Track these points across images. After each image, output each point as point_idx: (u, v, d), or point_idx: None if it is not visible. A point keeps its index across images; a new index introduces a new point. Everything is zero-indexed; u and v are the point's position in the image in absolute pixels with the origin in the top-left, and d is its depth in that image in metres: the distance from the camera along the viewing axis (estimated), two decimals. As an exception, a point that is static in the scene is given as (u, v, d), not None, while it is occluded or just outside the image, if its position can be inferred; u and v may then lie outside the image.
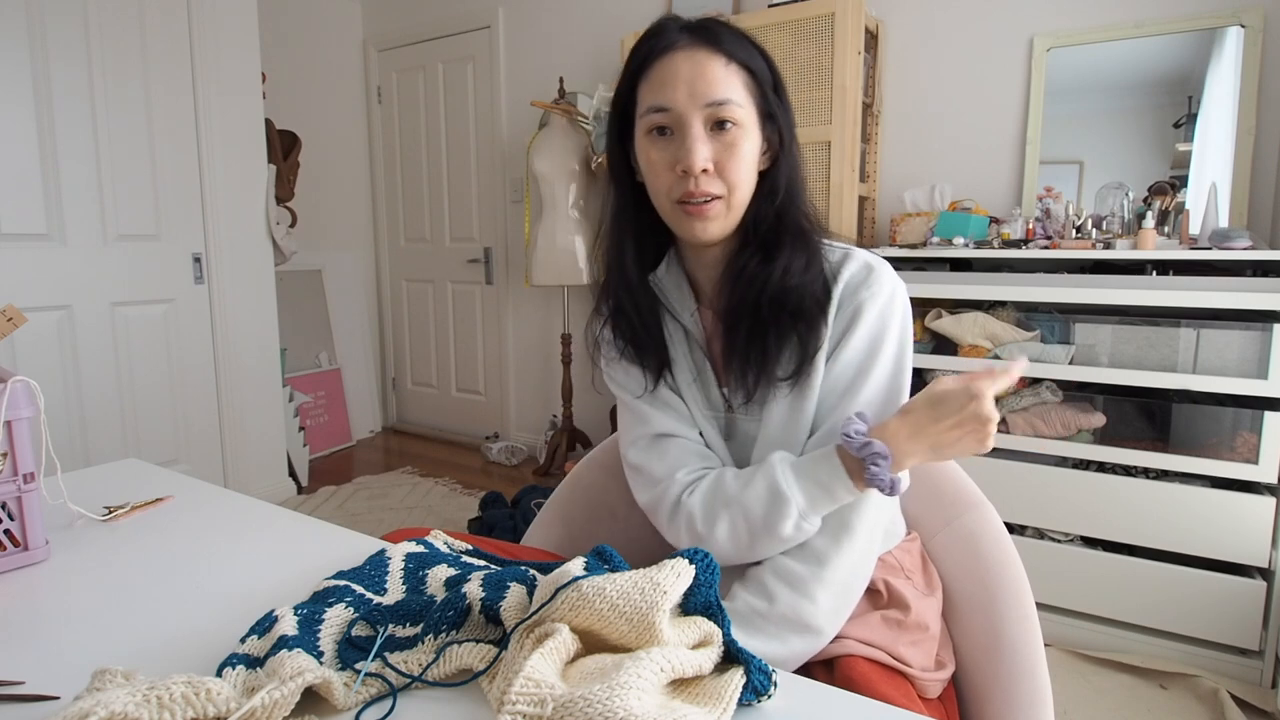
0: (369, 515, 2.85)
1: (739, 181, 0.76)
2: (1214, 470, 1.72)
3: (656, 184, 0.78)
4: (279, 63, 3.35)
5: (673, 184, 0.76)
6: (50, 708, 0.56)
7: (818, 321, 0.77)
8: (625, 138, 0.82)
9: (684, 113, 0.74)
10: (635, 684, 0.48)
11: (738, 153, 0.75)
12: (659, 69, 0.76)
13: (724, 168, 0.75)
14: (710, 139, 0.75)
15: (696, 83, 0.74)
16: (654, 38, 0.77)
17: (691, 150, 0.74)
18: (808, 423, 0.78)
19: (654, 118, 0.76)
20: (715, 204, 0.76)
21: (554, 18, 3.32)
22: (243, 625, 0.63)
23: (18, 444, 0.81)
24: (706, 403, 0.85)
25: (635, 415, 0.86)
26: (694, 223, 0.77)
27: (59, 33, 2.25)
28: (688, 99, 0.74)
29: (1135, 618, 1.82)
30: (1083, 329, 1.88)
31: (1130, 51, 2.17)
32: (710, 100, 0.73)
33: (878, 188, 2.58)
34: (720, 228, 0.78)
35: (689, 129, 0.74)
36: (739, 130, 0.75)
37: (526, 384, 3.68)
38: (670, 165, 0.76)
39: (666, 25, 0.77)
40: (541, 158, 3.00)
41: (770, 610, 0.73)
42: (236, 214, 2.78)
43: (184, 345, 2.65)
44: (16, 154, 2.19)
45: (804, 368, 0.77)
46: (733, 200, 0.77)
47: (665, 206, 0.79)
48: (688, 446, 0.83)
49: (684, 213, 0.77)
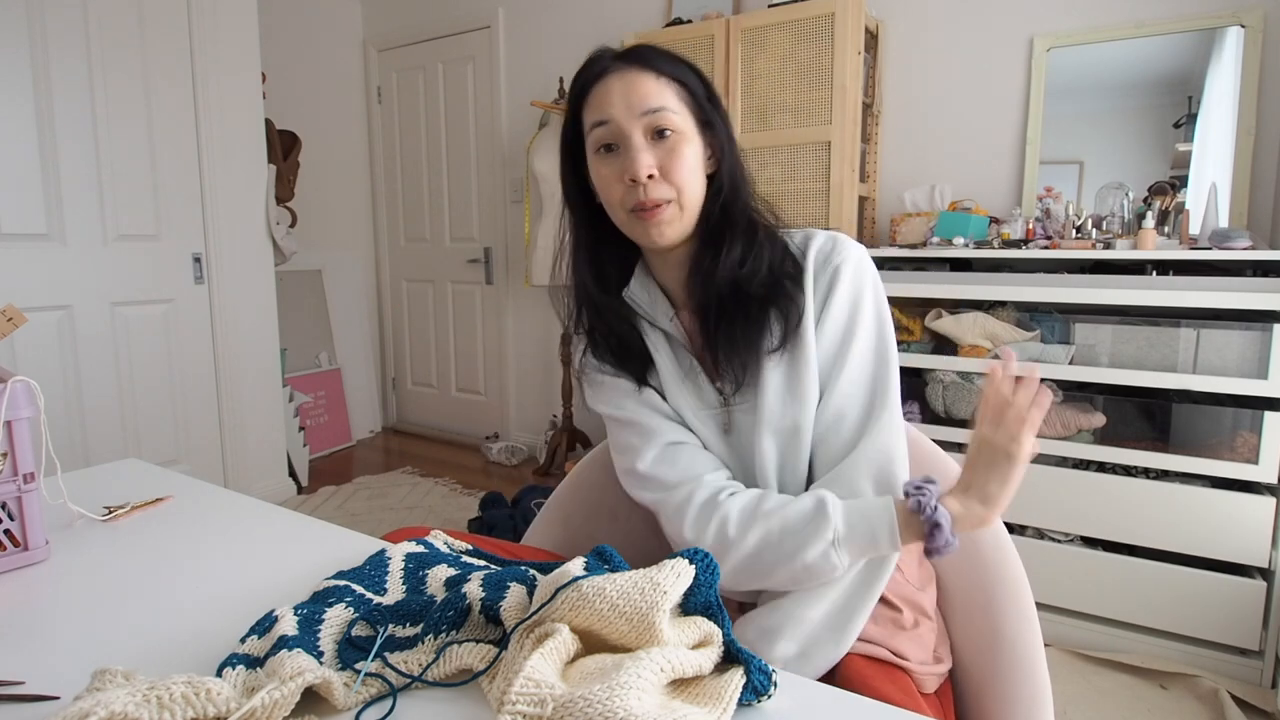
0: (369, 515, 2.86)
1: (685, 183, 0.79)
2: (1214, 470, 1.72)
3: (610, 197, 0.82)
4: (279, 63, 3.35)
5: (624, 194, 0.80)
6: (50, 708, 0.56)
7: (793, 293, 0.81)
8: (579, 166, 0.86)
9: (623, 123, 0.78)
10: (635, 684, 0.48)
11: (678, 156, 0.79)
12: (596, 92, 0.81)
13: (669, 171, 0.79)
14: (652, 147, 0.79)
15: (631, 96, 0.78)
16: (590, 66, 0.82)
17: (634, 159, 0.78)
18: (808, 392, 0.79)
19: (598, 133, 0.80)
20: (667, 208, 0.79)
21: (554, 18, 3.32)
22: (243, 625, 0.63)
23: (18, 444, 0.81)
24: (700, 402, 0.85)
25: (639, 430, 0.85)
26: (649, 228, 0.80)
27: (59, 32, 2.25)
28: (625, 111, 0.78)
29: (1135, 618, 1.82)
30: (1083, 329, 1.87)
31: (1130, 51, 2.17)
32: (645, 109, 0.78)
33: (878, 188, 2.58)
34: (676, 231, 0.81)
35: (630, 139, 0.78)
36: (678, 136, 0.79)
37: (526, 384, 3.68)
38: (619, 176, 0.79)
39: (599, 55, 0.83)
40: (541, 158, 3.00)
41: None
42: (236, 214, 2.78)
43: (184, 345, 2.65)
44: (16, 154, 2.19)
45: (789, 336, 0.80)
46: (684, 201, 0.80)
47: (621, 217, 0.82)
48: (700, 452, 0.83)
49: (638, 219, 0.80)
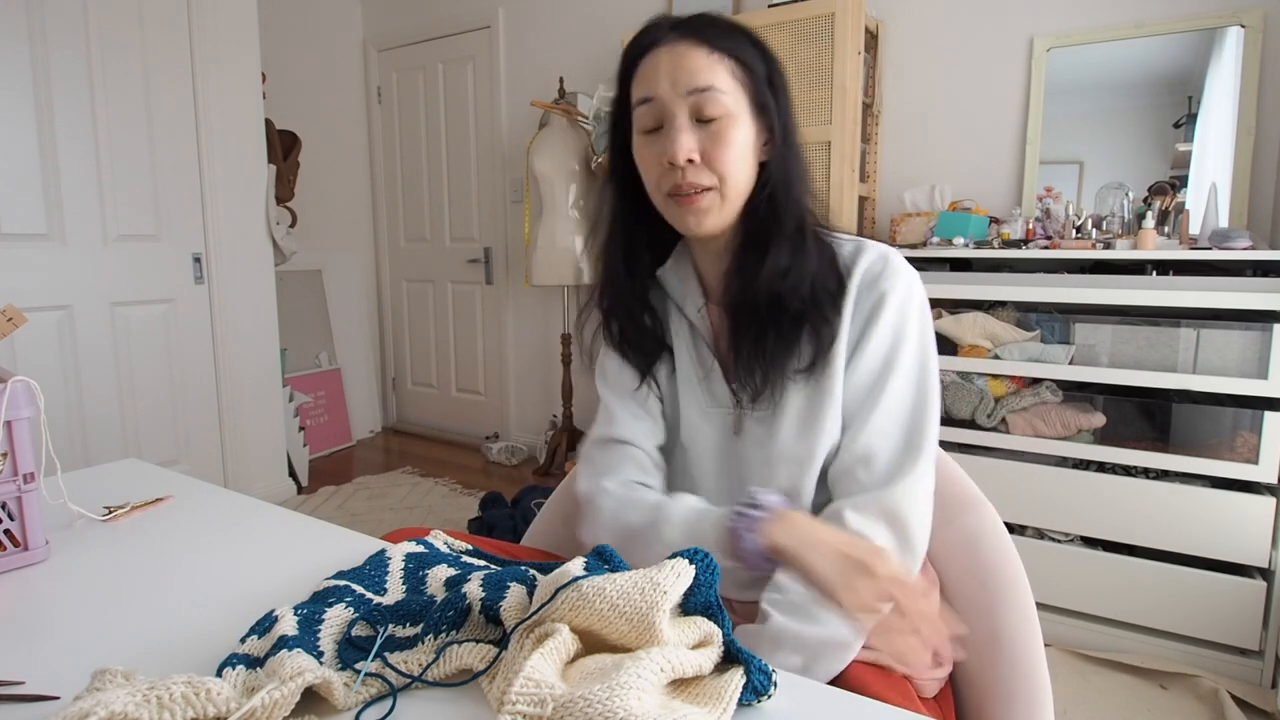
0: (369, 515, 2.85)
1: (729, 172, 0.75)
2: (1214, 470, 1.72)
3: (649, 179, 0.78)
4: (279, 63, 3.35)
5: (661, 176, 0.76)
6: (50, 708, 0.56)
7: (830, 315, 0.76)
8: (626, 140, 0.81)
9: (667, 102, 0.74)
10: (635, 684, 0.48)
11: (725, 142, 0.74)
12: (644, 65, 0.76)
13: (711, 158, 0.74)
14: (696, 129, 0.74)
15: (678, 72, 0.73)
16: (642, 36, 0.77)
17: (674, 141, 0.73)
18: (826, 424, 0.77)
19: (642, 111, 0.76)
20: (706, 195, 0.75)
21: (554, 18, 3.32)
22: (243, 625, 0.63)
23: (18, 444, 0.81)
24: (711, 399, 0.84)
25: (605, 412, 0.88)
26: (686, 214, 0.76)
27: (59, 32, 2.25)
28: (670, 88, 0.74)
29: (1135, 618, 1.82)
30: (1083, 329, 1.87)
31: (1130, 51, 2.17)
32: (691, 88, 0.73)
33: (878, 188, 2.58)
34: (715, 220, 0.77)
35: (673, 119, 0.74)
36: (726, 119, 0.74)
37: (526, 384, 3.68)
38: (659, 158, 0.75)
39: (654, 24, 0.77)
40: (541, 158, 3.00)
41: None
42: (236, 214, 2.78)
43: (184, 345, 2.65)
44: (16, 154, 2.19)
45: (819, 361, 0.76)
46: (726, 191, 0.75)
47: (659, 200, 0.79)
48: (631, 454, 0.85)
49: (675, 204, 0.77)
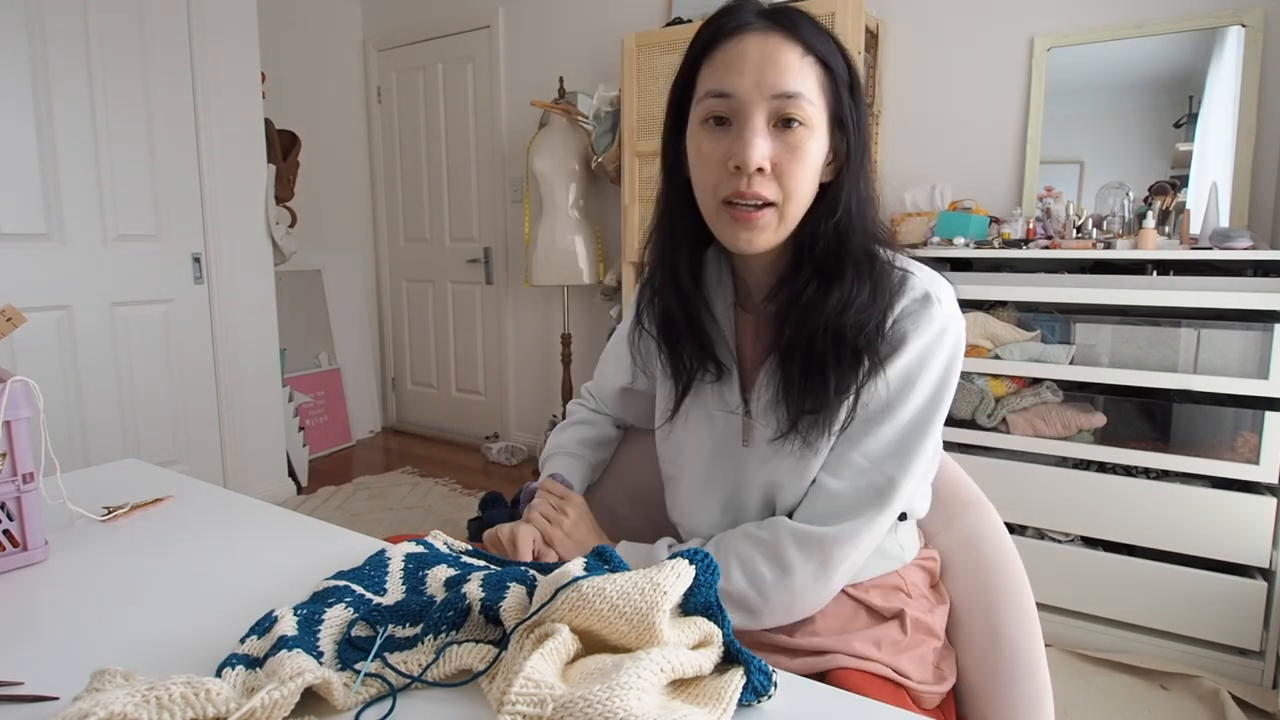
0: (369, 515, 2.85)
1: (797, 189, 0.68)
2: (1214, 470, 1.72)
3: (704, 179, 0.70)
4: (279, 63, 3.35)
5: (721, 180, 0.68)
6: (50, 708, 0.56)
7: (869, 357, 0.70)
8: (680, 129, 0.73)
9: (748, 102, 0.66)
10: (635, 684, 0.48)
11: (801, 155, 0.67)
12: (726, 50, 0.67)
13: (784, 171, 0.67)
14: (772, 136, 0.67)
15: (766, 70, 0.65)
16: (724, 16, 0.69)
17: (749, 143, 0.65)
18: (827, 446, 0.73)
19: (712, 104, 0.68)
20: (767, 211, 0.68)
21: (554, 18, 3.32)
22: (242, 625, 0.63)
23: (17, 444, 0.80)
24: (720, 401, 0.80)
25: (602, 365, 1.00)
26: (739, 231, 0.69)
27: (58, 32, 2.25)
28: (754, 87, 0.65)
29: (1135, 618, 1.82)
30: (1083, 329, 1.87)
31: (1130, 51, 2.17)
32: (779, 91, 0.65)
33: (878, 188, 2.57)
34: (768, 240, 0.70)
35: (750, 120, 0.66)
36: (806, 131, 0.67)
37: (526, 384, 3.68)
38: (723, 160, 0.67)
39: (741, 4, 0.69)
40: (541, 157, 3.00)
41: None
42: (236, 214, 2.78)
43: (184, 345, 2.65)
44: (16, 154, 2.19)
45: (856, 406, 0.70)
46: (787, 210, 0.69)
47: (710, 207, 0.71)
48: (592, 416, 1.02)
49: (730, 218, 0.69)
